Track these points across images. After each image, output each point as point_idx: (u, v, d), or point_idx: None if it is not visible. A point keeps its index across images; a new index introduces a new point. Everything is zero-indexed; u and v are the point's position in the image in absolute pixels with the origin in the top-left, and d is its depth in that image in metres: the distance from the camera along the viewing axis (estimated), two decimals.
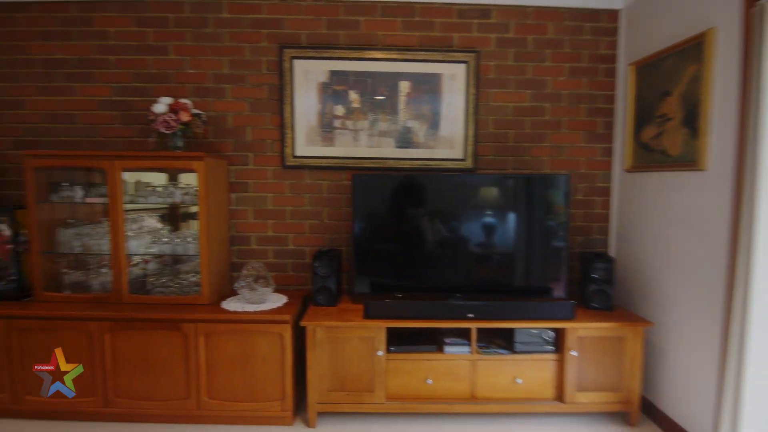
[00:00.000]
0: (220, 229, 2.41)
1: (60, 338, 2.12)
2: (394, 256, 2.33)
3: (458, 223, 2.29)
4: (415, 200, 2.31)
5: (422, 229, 2.30)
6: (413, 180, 2.33)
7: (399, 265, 2.33)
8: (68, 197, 2.33)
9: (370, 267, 2.31)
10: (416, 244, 2.31)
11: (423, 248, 2.30)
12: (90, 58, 2.49)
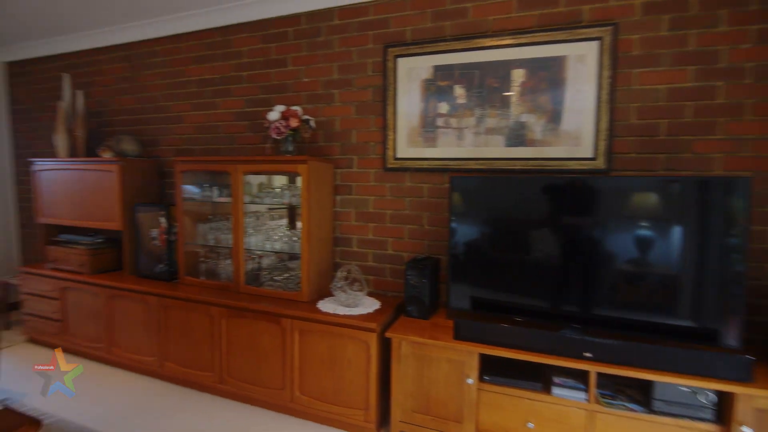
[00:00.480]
0: (323, 229, 2.48)
1: (191, 318, 2.47)
2: (497, 270, 2.02)
3: (580, 237, 1.86)
4: (524, 206, 1.96)
5: (532, 240, 1.94)
6: (523, 183, 1.99)
7: (502, 281, 2.01)
8: (207, 196, 2.71)
9: (468, 280, 2.05)
10: (523, 258, 1.96)
11: (532, 263, 1.94)
12: (229, 75, 2.86)
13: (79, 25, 3.11)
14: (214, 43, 2.87)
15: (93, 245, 2.94)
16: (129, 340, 2.70)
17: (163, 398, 2.43)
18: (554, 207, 1.90)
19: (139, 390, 2.51)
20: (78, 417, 2.20)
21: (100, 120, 3.35)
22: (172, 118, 3.08)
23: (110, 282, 2.73)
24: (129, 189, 2.87)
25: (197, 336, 2.47)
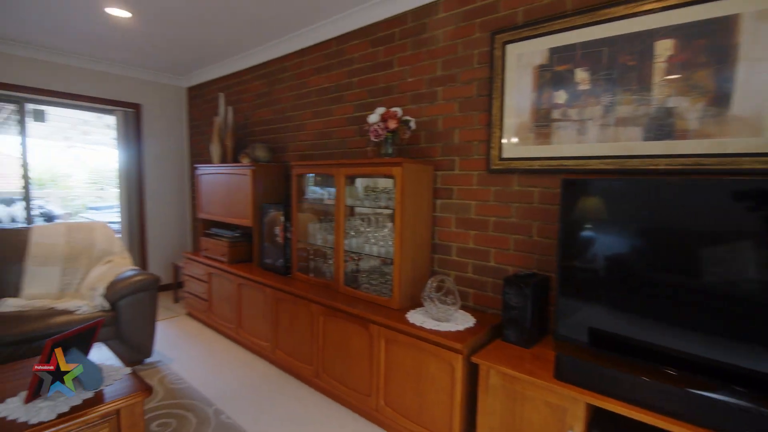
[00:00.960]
0: (419, 235, 2.35)
1: (296, 311, 2.63)
2: (620, 296, 1.58)
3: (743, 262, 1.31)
4: (669, 218, 1.48)
5: (671, 261, 1.45)
6: (669, 187, 1.51)
7: (626, 310, 1.56)
8: (318, 198, 2.86)
9: (587, 305, 1.66)
10: (656, 284, 1.48)
11: (668, 292, 1.45)
12: (342, 82, 2.97)
13: (232, 51, 3.66)
14: (331, 53, 3.03)
15: (232, 238, 3.41)
16: (251, 325, 3.04)
17: (271, 383, 2.64)
18: (712, 218, 1.38)
19: (254, 371, 2.79)
20: (201, 386, 2.55)
21: (245, 131, 3.88)
22: (297, 126, 3.37)
23: (240, 271, 3.11)
24: (259, 190, 3.24)
25: (301, 329, 2.61)
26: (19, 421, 1.44)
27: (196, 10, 2.80)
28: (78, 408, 1.53)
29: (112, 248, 3.19)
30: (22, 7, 2.80)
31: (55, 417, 1.47)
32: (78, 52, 3.74)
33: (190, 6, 2.73)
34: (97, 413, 1.55)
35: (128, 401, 1.63)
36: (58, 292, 2.86)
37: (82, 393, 1.62)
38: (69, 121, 6.90)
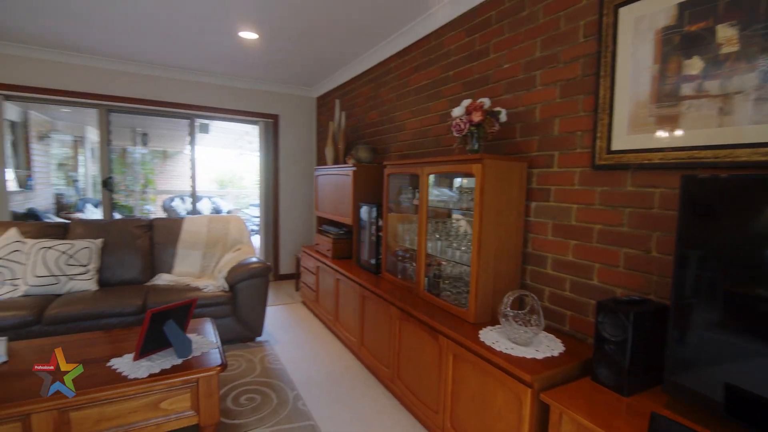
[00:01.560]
0: (504, 241, 2.06)
1: (378, 311, 2.61)
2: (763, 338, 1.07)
3: None
4: None
5: None
6: None
7: None
8: (408, 198, 2.79)
9: (706, 348, 1.19)
10: None
11: None
12: (438, 78, 2.83)
13: (346, 60, 3.87)
14: (429, 48, 2.91)
15: (337, 235, 3.60)
16: (345, 319, 3.14)
17: (352, 379, 2.67)
18: None
19: (340, 364, 2.87)
20: (292, 370, 2.74)
21: (357, 134, 4.06)
22: (397, 126, 3.35)
23: (339, 266, 3.25)
24: (359, 190, 3.33)
25: (382, 330, 2.58)
26: (123, 374, 1.75)
27: (307, 26, 3.04)
28: (167, 371, 1.79)
29: (242, 238, 3.71)
30: (189, 46, 3.48)
31: (146, 375, 1.75)
32: (228, 73, 4.49)
33: (301, 23, 2.98)
34: (180, 379, 1.78)
35: (206, 373, 1.83)
36: (198, 272, 3.46)
37: (176, 360, 1.90)
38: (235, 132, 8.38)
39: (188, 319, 2.04)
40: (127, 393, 1.69)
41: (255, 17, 2.96)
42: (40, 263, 2.81)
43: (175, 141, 9.79)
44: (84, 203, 6.86)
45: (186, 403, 1.82)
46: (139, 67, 4.22)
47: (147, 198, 9.50)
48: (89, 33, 3.38)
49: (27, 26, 3.27)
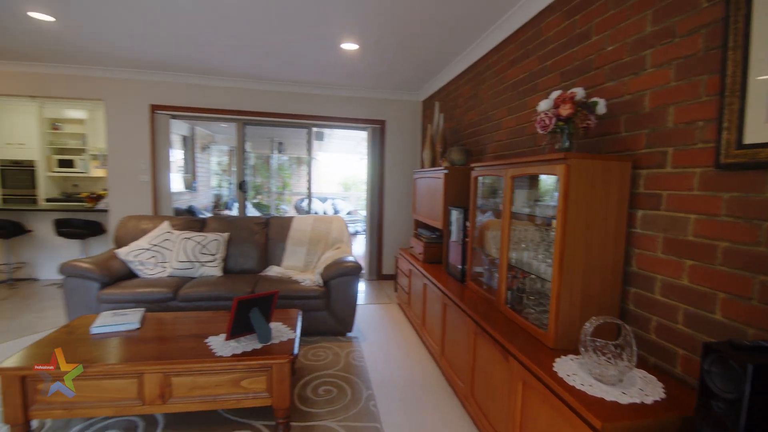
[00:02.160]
0: (597, 257, 1.74)
1: (458, 322, 2.47)
2: None
3: None
4: None
5: None
6: None
7: None
8: (495, 203, 2.58)
9: None
10: None
11: None
12: (535, 70, 2.55)
13: (446, 61, 3.78)
14: (527, 38, 2.65)
15: (429, 239, 3.54)
16: (431, 325, 3.07)
17: (428, 387, 2.58)
18: None
19: (420, 371, 2.81)
20: (372, 370, 2.78)
21: (456, 136, 3.94)
22: (494, 125, 3.13)
23: (428, 271, 3.19)
24: (450, 194, 3.22)
25: (460, 342, 2.44)
26: (214, 351, 2.02)
27: (405, 30, 3.07)
28: (248, 354, 2.00)
29: (342, 238, 3.94)
30: (300, 62, 3.86)
31: (230, 355, 1.98)
32: (338, 84, 4.81)
33: (400, 28, 3.02)
34: (257, 362, 1.97)
35: (279, 360, 1.99)
36: (303, 266, 3.79)
37: (257, 344, 2.11)
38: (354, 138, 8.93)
39: (272, 309, 2.25)
40: (214, 368, 1.94)
41: (356, 30, 3.11)
42: (182, 251, 3.44)
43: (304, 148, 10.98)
44: (233, 202, 8.17)
45: (262, 385, 2.01)
46: (264, 84, 4.84)
47: (284, 199, 10.86)
48: (229, 60, 4.01)
49: (183, 58, 4.05)
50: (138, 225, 3.70)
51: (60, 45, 3.76)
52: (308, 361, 2.88)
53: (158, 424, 2.09)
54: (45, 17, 3.08)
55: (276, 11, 2.86)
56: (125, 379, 1.89)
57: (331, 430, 2.09)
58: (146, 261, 3.40)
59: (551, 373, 1.53)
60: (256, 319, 2.12)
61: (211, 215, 4.61)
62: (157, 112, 4.75)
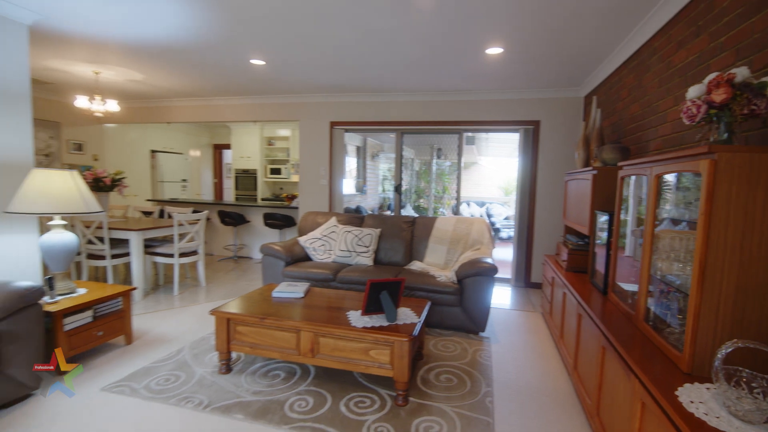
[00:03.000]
0: (756, 275, 1.43)
1: (588, 334, 2.30)
2: None
3: None
4: None
5: None
6: None
7: None
8: None
9: None
10: None
11: None
12: (706, 49, 2.15)
13: (605, 51, 3.43)
14: (697, 13, 2.25)
15: (575, 246, 3.29)
16: (567, 337, 2.87)
17: (555, 400, 2.45)
18: None
19: (549, 382, 2.66)
20: (497, 370, 2.79)
21: (618, 132, 3.52)
22: (659, 118, 2.72)
23: (567, 280, 2.99)
24: (599, 196, 2.94)
25: (591, 355, 2.26)
26: (351, 321, 2.44)
27: (554, 26, 2.98)
28: (375, 329, 2.35)
29: (482, 239, 4.00)
30: (446, 71, 4.11)
31: (361, 327, 2.36)
32: (486, 88, 4.84)
33: (548, 24, 2.96)
34: (382, 336, 2.30)
35: (400, 338, 2.27)
36: (443, 264, 4.01)
37: (384, 322, 2.44)
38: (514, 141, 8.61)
39: (399, 294, 2.55)
40: (348, 335, 2.35)
41: (500, 33, 3.17)
42: (343, 241, 4.11)
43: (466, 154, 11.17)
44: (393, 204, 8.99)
45: (386, 358, 2.32)
46: (417, 95, 5.25)
47: (443, 202, 11.31)
48: (387, 79, 4.57)
49: (353, 81, 4.80)
50: (315, 219, 4.57)
51: (269, 81, 4.98)
52: (437, 351, 3.08)
53: (310, 374, 2.64)
54: (259, 62, 4.17)
55: (424, 35, 3.17)
56: (288, 333, 2.48)
57: (444, 413, 2.25)
58: (318, 248, 4.19)
59: (669, 396, 1.35)
60: (385, 301, 2.45)
61: (369, 213, 5.27)
62: (335, 127, 5.72)
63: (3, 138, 2.95)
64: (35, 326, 2.26)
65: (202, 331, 3.31)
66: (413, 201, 10.18)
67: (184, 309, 3.93)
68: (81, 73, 4.84)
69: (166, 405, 2.24)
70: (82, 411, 2.18)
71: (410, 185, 9.74)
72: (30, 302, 2.22)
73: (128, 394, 2.34)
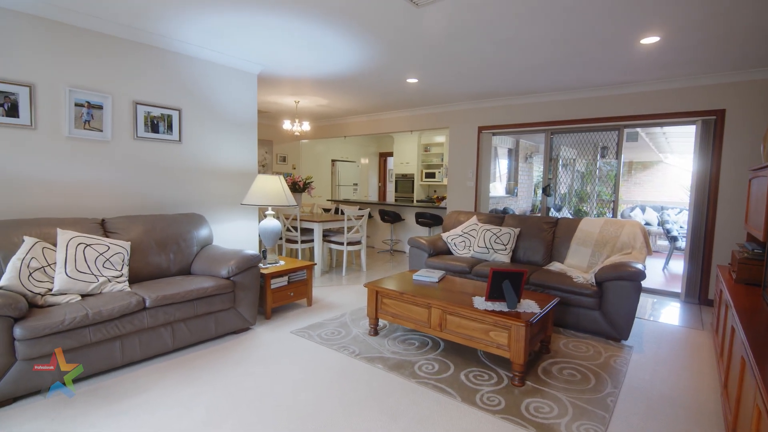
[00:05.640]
0: None
1: (738, 350, 2.08)
2: None
3: None
4: None
5: None
6: None
7: None
8: None
9: None
10: None
11: None
12: None
13: None
14: None
15: (749, 254, 2.82)
16: (726, 354, 2.54)
17: (695, 417, 2.25)
18: None
19: (693, 400, 2.42)
20: (630, 377, 2.66)
21: None
22: None
23: (732, 294, 2.63)
24: None
25: (734, 373, 2.04)
26: (474, 305, 2.77)
27: None
28: (495, 312, 2.63)
29: (633, 243, 3.72)
30: (596, 65, 3.96)
31: (482, 309, 2.67)
32: (650, 78, 4.35)
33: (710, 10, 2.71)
34: (501, 319, 2.57)
35: (517, 323, 2.50)
36: (586, 267, 3.88)
37: (505, 308, 2.69)
38: None
39: (521, 285, 2.74)
40: (471, 315, 2.69)
41: (656, 21, 3.00)
42: (482, 239, 4.39)
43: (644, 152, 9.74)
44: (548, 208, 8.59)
45: (504, 340, 2.58)
46: (566, 94, 5.07)
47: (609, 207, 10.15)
48: (534, 80, 4.64)
49: (501, 86, 5.01)
50: (457, 217, 4.98)
51: (422, 95, 5.61)
52: (566, 349, 3.11)
53: (439, 347, 3.07)
54: (413, 80, 4.82)
55: (562, 35, 3.24)
56: (421, 308, 2.96)
57: (558, 399, 2.37)
58: (458, 243, 4.58)
59: None
60: (507, 289, 2.70)
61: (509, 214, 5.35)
62: (483, 131, 6.00)
63: (240, 153, 4.31)
64: (255, 281, 3.33)
65: (359, 304, 4.10)
66: (572, 205, 9.48)
67: (349, 286, 4.86)
68: (286, 103, 6.41)
69: (331, 350, 3.00)
70: (277, 344, 3.11)
71: (569, 188, 9.13)
72: (253, 264, 3.29)
73: (307, 338, 3.21)
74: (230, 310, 3.18)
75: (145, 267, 3.16)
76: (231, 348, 3.02)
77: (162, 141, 3.72)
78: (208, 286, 2.99)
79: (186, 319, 2.91)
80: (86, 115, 3.28)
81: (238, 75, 4.25)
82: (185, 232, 3.47)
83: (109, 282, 2.82)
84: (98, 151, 3.34)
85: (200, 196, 4.00)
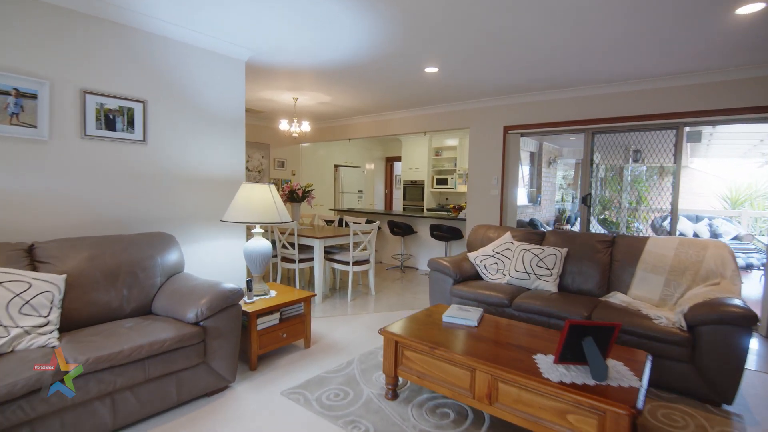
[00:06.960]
0: None
1: None
2: None
3: None
4: None
5: None
6: None
7: None
8: None
9: None
10: None
11: None
12: None
13: None
14: None
15: None
16: None
17: None
18: None
19: None
20: None
21: None
22: None
23: None
24: None
25: None
26: (540, 369, 1.94)
27: None
28: (576, 386, 1.80)
29: (723, 271, 2.89)
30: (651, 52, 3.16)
31: (557, 381, 1.83)
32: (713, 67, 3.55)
33: None
34: (587, 400, 1.73)
35: (616, 409, 1.66)
36: (658, 299, 3.05)
37: (589, 379, 1.85)
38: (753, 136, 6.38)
39: (610, 344, 1.92)
40: (539, 389, 1.86)
41: None
42: (520, 261, 3.57)
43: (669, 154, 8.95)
44: (576, 217, 7.78)
45: (592, 429, 1.74)
46: (613, 86, 4.27)
47: (638, 216, 9.31)
48: (574, 71, 3.84)
49: (532, 79, 4.21)
50: (486, 233, 4.16)
51: (440, 89, 4.81)
52: (656, 421, 2.27)
53: (484, 422, 2.24)
54: (432, 69, 4.02)
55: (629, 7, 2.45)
56: (461, 369, 2.13)
57: None
58: (489, 266, 3.76)
59: None
60: (590, 351, 1.87)
61: (551, 229, 4.54)
62: (509, 132, 5.20)
63: (223, 157, 3.51)
64: (234, 324, 2.51)
65: (370, 344, 3.27)
66: (597, 213, 8.66)
67: (356, 317, 4.03)
68: (284, 101, 5.62)
69: (335, 426, 2.17)
70: (263, 411, 2.29)
71: (594, 195, 8.33)
72: (232, 303, 2.47)
73: (302, 403, 2.38)
74: (199, 366, 2.36)
75: (87, 307, 2.35)
76: (198, 420, 2.20)
77: (120, 141, 2.91)
78: (166, 338, 2.17)
79: (133, 386, 2.08)
80: (13, 106, 2.48)
81: (222, 61, 3.46)
82: (146, 258, 2.66)
83: (28, 335, 2.01)
84: (30, 153, 2.54)
85: (169, 211, 3.19)
